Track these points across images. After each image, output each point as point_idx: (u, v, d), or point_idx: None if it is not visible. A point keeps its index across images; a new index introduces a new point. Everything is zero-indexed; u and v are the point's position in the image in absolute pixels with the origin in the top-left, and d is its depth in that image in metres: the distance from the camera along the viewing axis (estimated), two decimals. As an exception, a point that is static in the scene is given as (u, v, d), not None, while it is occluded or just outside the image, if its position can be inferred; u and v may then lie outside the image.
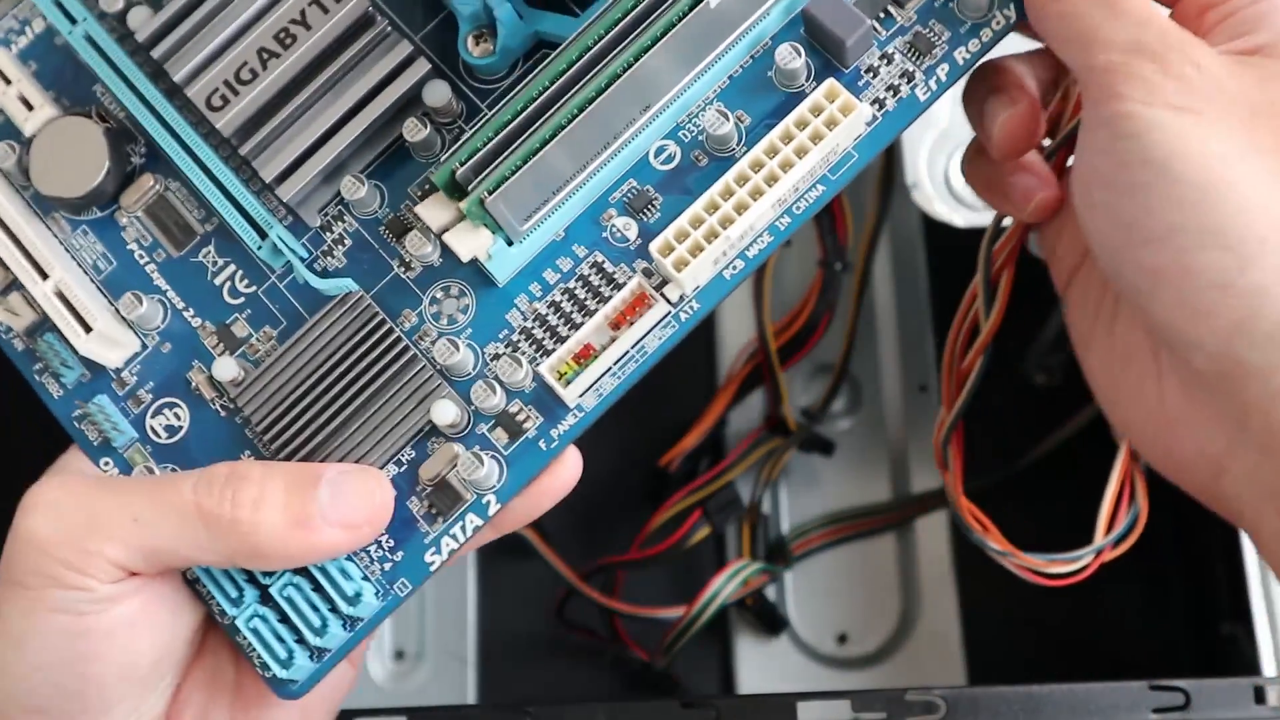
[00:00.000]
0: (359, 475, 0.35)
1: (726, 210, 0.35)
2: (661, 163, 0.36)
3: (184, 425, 0.37)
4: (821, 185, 0.36)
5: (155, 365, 0.38)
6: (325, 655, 0.35)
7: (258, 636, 0.35)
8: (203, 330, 0.37)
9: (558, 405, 0.35)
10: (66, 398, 0.38)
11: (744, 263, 0.36)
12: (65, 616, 0.33)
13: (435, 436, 0.36)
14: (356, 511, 0.34)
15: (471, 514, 0.36)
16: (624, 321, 0.35)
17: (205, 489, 0.33)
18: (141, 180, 0.38)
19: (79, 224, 0.39)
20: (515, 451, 0.36)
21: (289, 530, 0.33)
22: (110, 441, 0.37)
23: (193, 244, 0.38)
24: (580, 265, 0.36)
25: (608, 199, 0.36)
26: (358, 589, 0.35)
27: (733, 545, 0.58)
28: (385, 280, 0.37)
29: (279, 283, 0.37)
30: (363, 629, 0.35)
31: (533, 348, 0.36)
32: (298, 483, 0.34)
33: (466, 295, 0.37)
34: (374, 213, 0.37)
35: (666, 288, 0.35)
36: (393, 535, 0.36)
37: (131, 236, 0.38)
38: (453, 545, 0.36)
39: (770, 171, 0.35)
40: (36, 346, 0.38)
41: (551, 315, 0.36)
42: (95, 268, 0.38)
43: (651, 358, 0.36)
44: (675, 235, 0.35)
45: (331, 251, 0.37)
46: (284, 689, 0.35)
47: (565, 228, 0.36)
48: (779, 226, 0.36)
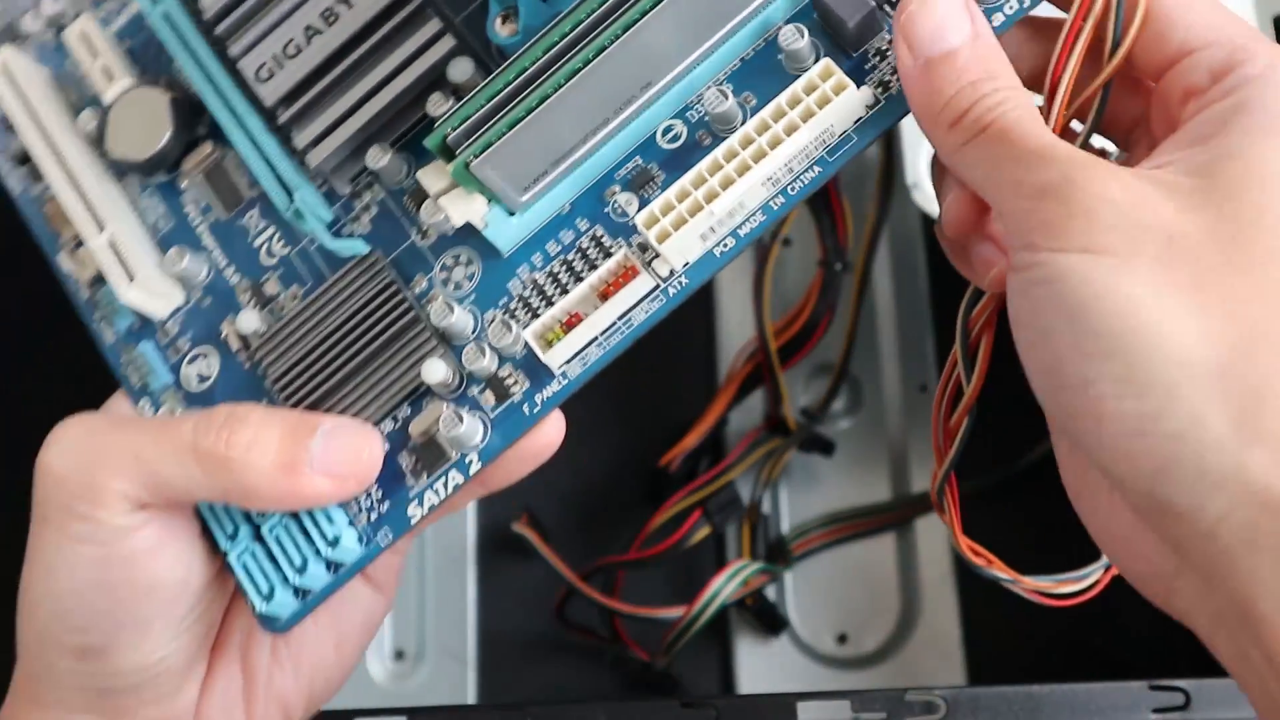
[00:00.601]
0: (352, 429, 0.36)
1: (712, 185, 0.35)
2: (668, 142, 0.37)
3: (213, 374, 0.40)
4: (818, 166, 0.36)
5: (195, 317, 0.40)
6: (308, 595, 0.37)
7: (246, 572, 0.37)
8: (239, 287, 0.40)
9: (544, 372, 0.36)
10: (116, 344, 0.41)
11: (735, 240, 0.36)
12: (87, 546, 0.36)
13: (429, 396, 0.37)
14: (344, 465, 0.36)
15: (454, 471, 0.37)
16: (611, 292, 0.36)
17: (204, 429, 0.35)
18: (202, 147, 0.41)
19: (147, 186, 0.42)
20: (501, 414, 0.37)
21: (278, 474, 0.35)
22: (148, 385, 0.40)
23: (240, 207, 0.41)
24: (581, 238, 0.37)
25: (614, 175, 0.37)
26: (338, 534, 0.36)
27: (733, 545, 0.58)
28: (403, 246, 0.39)
29: (309, 246, 0.40)
30: (344, 573, 0.37)
31: (526, 314, 0.37)
32: (293, 430, 0.36)
33: (474, 263, 0.38)
34: (400, 183, 0.39)
35: (656, 261, 0.36)
36: (382, 486, 0.37)
37: (190, 199, 0.41)
38: (434, 500, 0.37)
39: (759, 148, 0.35)
40: (96, 297, 0.41)
41: (548, 284, 0.37)
42: (155, 227, 0.41)
43: (637, 330, 0.36)
44: (660, 208, 0.35)
45: (359, 217, 0.39)
46: (268, 623, 0.37)
47: (571, 201, 0.37)
48: (772, 206, 0.36)
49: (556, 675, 0.58)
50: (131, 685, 0.37)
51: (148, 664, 0.37)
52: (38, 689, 0.37)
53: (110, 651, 0.36)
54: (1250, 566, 0.28)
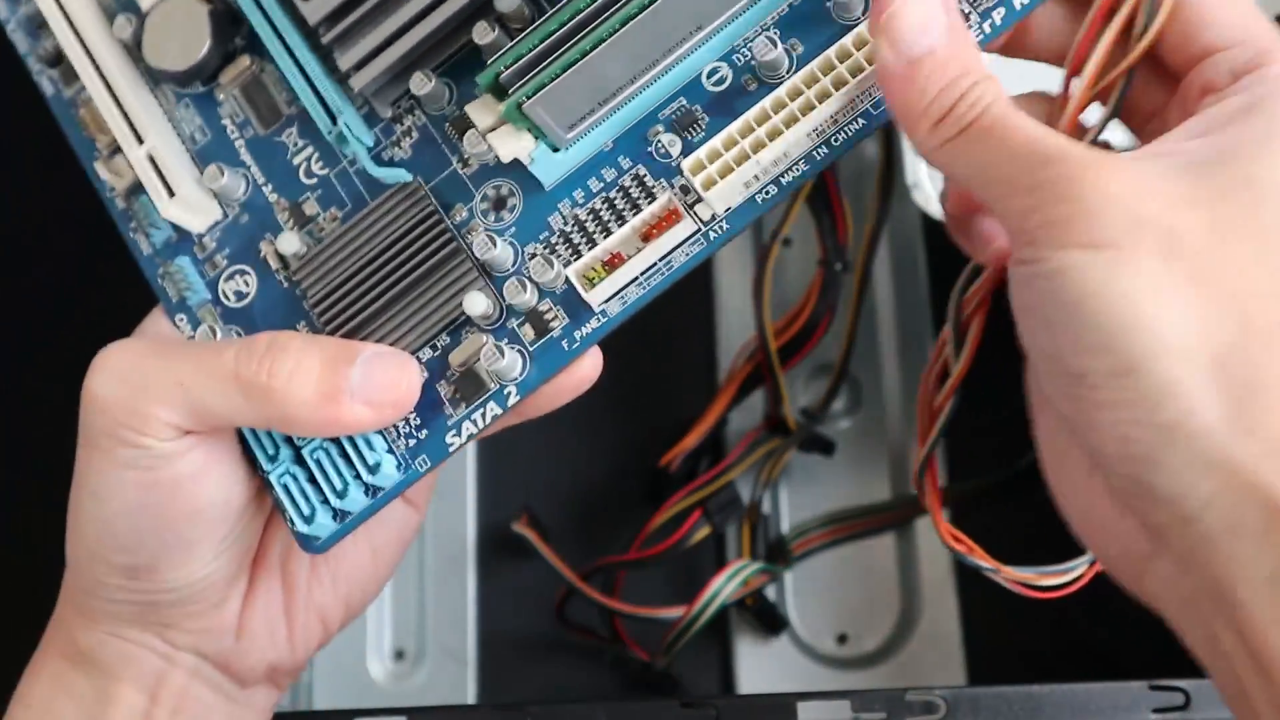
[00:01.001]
0: (391, 358, 0.37)
1: (759, 135, 0.35)
2: (713, 84, 0.37)
3: (251, 292, 0.40)
4: (862, 119, 0.36)
5: (233, 234, 0.40)
6: (347, 518, 0.38)
7: (287, 493, 0.38)
8: (278, 205, 0.40)
9: (583, 308, 0.37)
10: (153, 256, 0.41)
11: (777, 189, 0.36)
12: (134, 472, 0.36)
13: (469, 326, 0.38)
14: (384, 393, 0.37)
15: (493, 402, 0.38)
16: (654, 234, 0.37)
17: (245, 357, 0.36)
18: (239, 60, 0.41)
19: (183, 96, 0.42)
20: (540, 348, 0.37)
21: (318, 402, 0.36)
22: (185, 300, 0.40)
23: (279, 124, 0.41)
24: (623, 177, 0.37)
25: (657, 115, 0.38)
26: (378, 459, 0.37)
27: (733, 545, 0.59)
28: (444, 174, 0.39)
29: (349, 168, 0.40)
30: (383, 497, 0.38)
31: (567, 250, 0.37)
32: (332, 359, 0.36)
33: (515, 195, 0.38)
34: (442, 109, 0.39)
35: (698, 206, 0.36)
36: (420, 414, 0.38)
37: (226, 113, 0.41)
38: (472, 430, 0.38)
39: (806, 101, 0.35)
40: (133, 206, 0.41)
41: (590, 221, 0.37)
42: (192, 139, 0.41)
43: (676, 272, 0.37)
44: (707, 155, 0.36)
45: (400, 142, 0.39)
46: (307, 543, 0.38)
47: (614, 139, 0.38)
48: (815, 156, 0.36)
49: (556, 675, 0.58)
50: (178, 599, 0.38)
51: (193, 580, 0.38)
52: (88, 602, 0.38)
53: (157, 570, 0.37)
54: (1231, 552, 0.29)
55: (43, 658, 0.39)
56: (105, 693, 0.38)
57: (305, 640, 0.41)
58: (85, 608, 0.38)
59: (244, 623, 0.40)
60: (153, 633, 0.39)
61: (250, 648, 0.40)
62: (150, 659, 0.39)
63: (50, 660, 0.39)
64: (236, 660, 0.40)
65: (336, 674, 0.58)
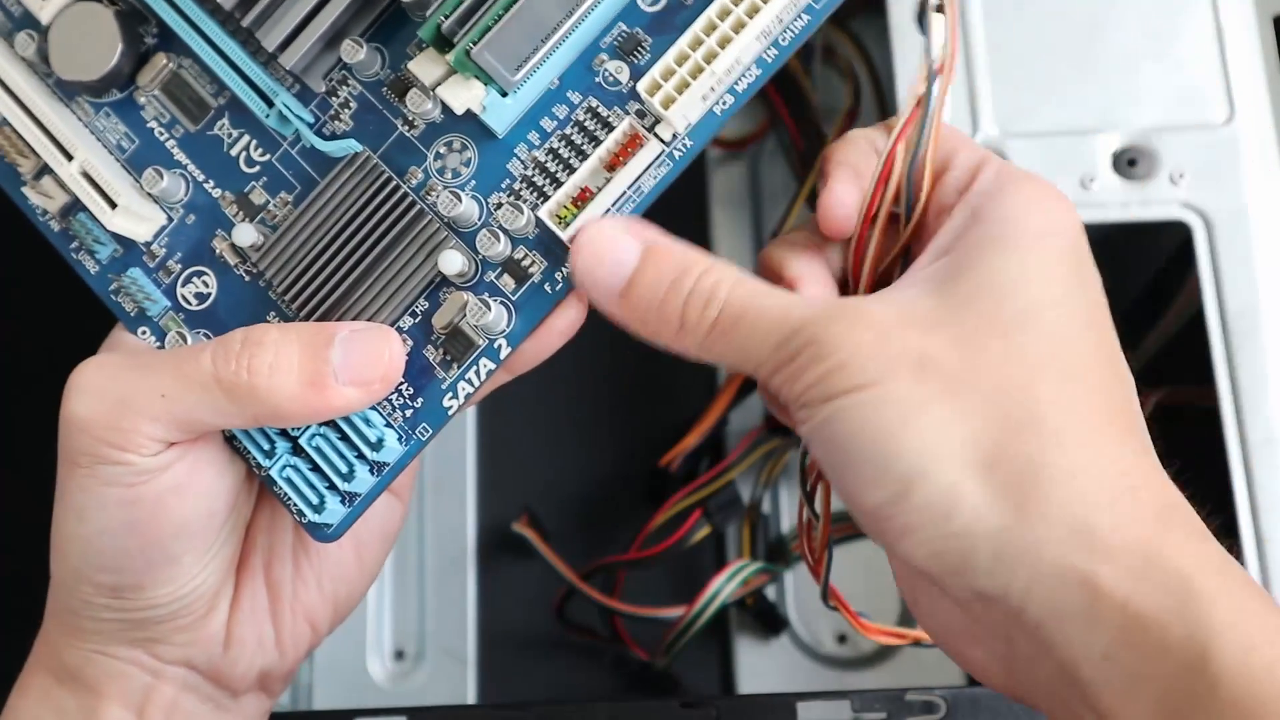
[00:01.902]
0: (369, 333, 0.36)
1: (710, 45, 0.35)
2: (649, 4, 0.37)
3: (212, 292, 0.39)
4: (806, 15, 0.36)
5: (181, 236, 0.39)
6: (356, 500, 0.37)
7: (291, 485, 0.37)
8: (223, 200, 0.39)
9: (561, 248, 0.37)
10: (102, 272, 0.40)
11: (733, 97, 0.36)
12: (116, 489, 0.35)
13: (446, 287, 0.37)
14: (368, 369, 0.36)
15: (485, 358, 0.37)
16: (619, 163, 0.36)
17: (223, 358, 0.35)
18: (155, 59, 0.40)
19: (101, 106, 0.40)
20: (523, 296, 0.37)
21: (305, 391, 0.35)
22: (145, 311, 0.39)
23: (208, 118, 0.40)
24: (576, 111, 0.37)
25: (599, 44, 0.37)
26: (380, 435, 0.37)
27: (733, 545, 0.59)
28: (391, 139, 0.38)
29: (290, 149, 0.39)
30: (389, 473, 0.37)
31: (534, 194, 0.37)
32: (310, 344, 0.36)
33: (469, 148, 0.38)
34: (376, 75, 0.38)
35: (659, 127, 0.36)
36: (412, 383, 0.37)
37: (150, 115, 0.40)
38: (468, 389, 0.37)
39: (751, 4, 0.35)
40: (71, 226, 0.40)
41: (550, 162, 0.37)
42: (119, 147, 0.40)
43: (648, 197, 0.36)
44: (662, 74, 0.35)
45: (339, 115, 0.39)
46: (319, 533, 0.37)
47: (559, 76, 0.37)
48: (765, 59, 0.36)
49: (556, 675, 0.59)
50: (165, 615, 0.37)
51: (179, 595, 0.37)
52: (73, 621, 0.38)
53: (142, 587, 0.37)
54: (1064, 636, 0.30)
55: (30, 674, 0.39)
56: (92, 711, 0.38)
57: (295, 644, 0.41)
58: (71, 626, 0.37)
59: (231, 632, 0.39)
60: (140, 648, 0.38)
61: (239, 656, 0.39)
62: (137, 675, 0.38)
63: (37, 676, 0.38)
64: (226, 670, 0.39)
65: (336, 674, 0.58)
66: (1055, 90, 0.54)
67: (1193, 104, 0.54)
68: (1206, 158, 0.54)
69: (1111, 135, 0.53)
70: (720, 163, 0.66)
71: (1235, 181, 0.53)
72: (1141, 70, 0.54)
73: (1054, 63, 0.54)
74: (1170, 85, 0.54)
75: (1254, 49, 0.54)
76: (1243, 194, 0.53)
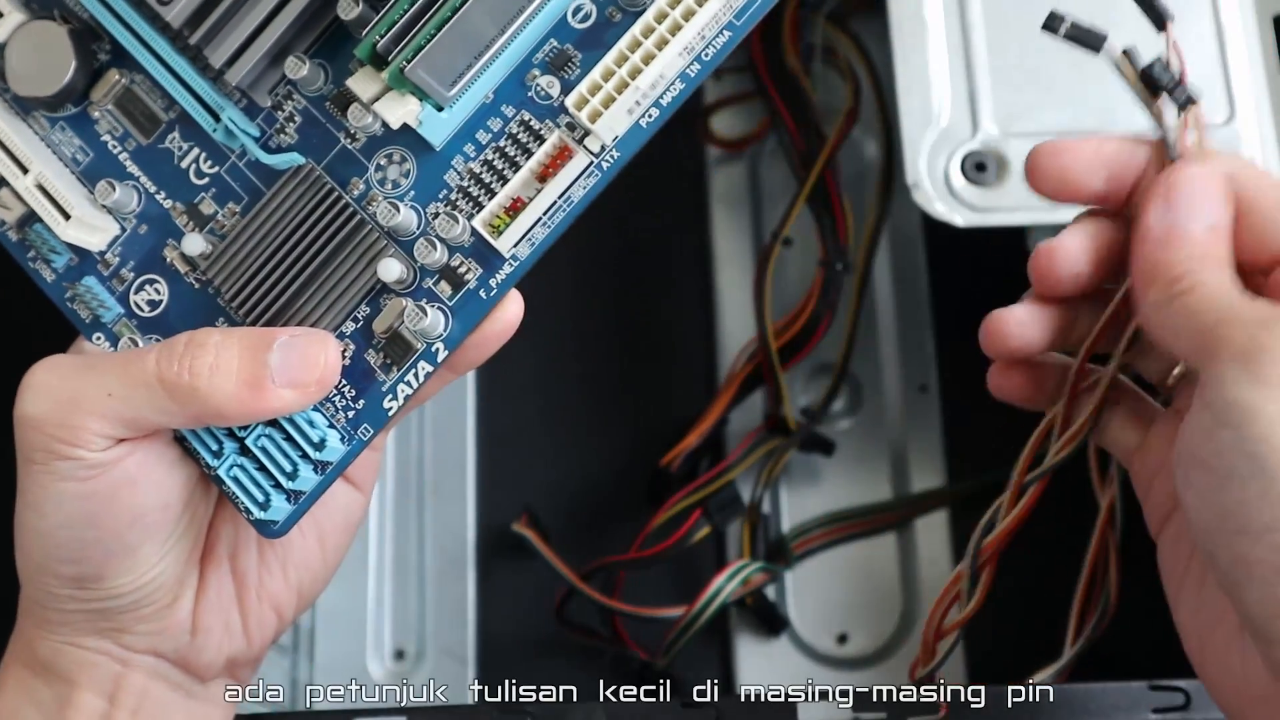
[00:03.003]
0: (308, 338, 0.38)
1: (634, 62, 0.37)
2: (579, 21, 0.39)
3: (164, 299, 0.41)
4: (728, 31, 0.38)
5: (134, 246, 0.41)
6: (301, 497, 0.39)
7: (238, 484, 0.39)
8: (174, 210, 0.41)
9: (494, 256, 0.38)
10: (58, 281, 0.41)
11: (659, 110, 0.38)
12: (70, 483, 0.37)
13: (386, 293, 0.39)
14: (305, 372, 0.38)
15: (423, 361, 0.39)
16: (549, 174, 0.38)
17: (166, 360, 0.37)
18: (108, 76, 0.41)
19: (56, 120, 0.42)
20: (459, 301, 0.38)
21: (243, 392, 0.37)
22: (100, 319, 0.41)
23: (159, 131, 0.41)
24: (509, 124, 0.39)
25: (531, 59, 0.39)
26: (323, 435, 0.38)
27: (733, 545, 0.59)
28: (334, 152, 0.40)
29: (239, 161, 0.40)
30: (332, 471, 0.39)
31: (469, 204, 0.39)
32: (250, 348, 0.37)
33: (408, 160, 0.39)
34: (320, 90, 0.40)
35: (587, 139, 0.38)
36: (354, 385, 0.39)
37: (104, 129, 0.41)
38: (407, 391, 0.39)
39: (674, 22, 0.37)
40: (28, 237, 0.41)
41: (485, 173, 0.39)
42: (74, 160, 0.41)
43: (578, 206, 0.38)
44: (589, 89, 0.37)
45: (284, 129, 0.40)
46: (266, 529, 0.39)
47: (494, 90, 0.39)
48: (689, 74, 0.38)
49: (556, 675, 0.58)
50: (129, 604, 0.39)
51: (141, 584, 0.39)
52: (42, 613, 0.39)
53: (103, 577, 0.38)
54: None
55: (7, 667, 0.40)
56: (66, 699, 0.39)
57: (261, 631, 0.42)
58: (40, 619, 0.39)
59: (198, 619, 0.40)
60: (108, 638, 0.39)
61: (206, 643, 0.41)
62: (106, 664, 0.39)
63: (13, 669, 0.40)
64: (194, 656, 0.41)
65: (336, 674, 0.58)
66: (1055, 90, 0.54)
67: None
68: (1206, 158, 0.54)
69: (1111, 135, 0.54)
70: (720, 163, 0.66)
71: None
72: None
73: (1054, 63, 0.54)
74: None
75: (1254, 49, 0.54)
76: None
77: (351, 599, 0.56)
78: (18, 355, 0.39)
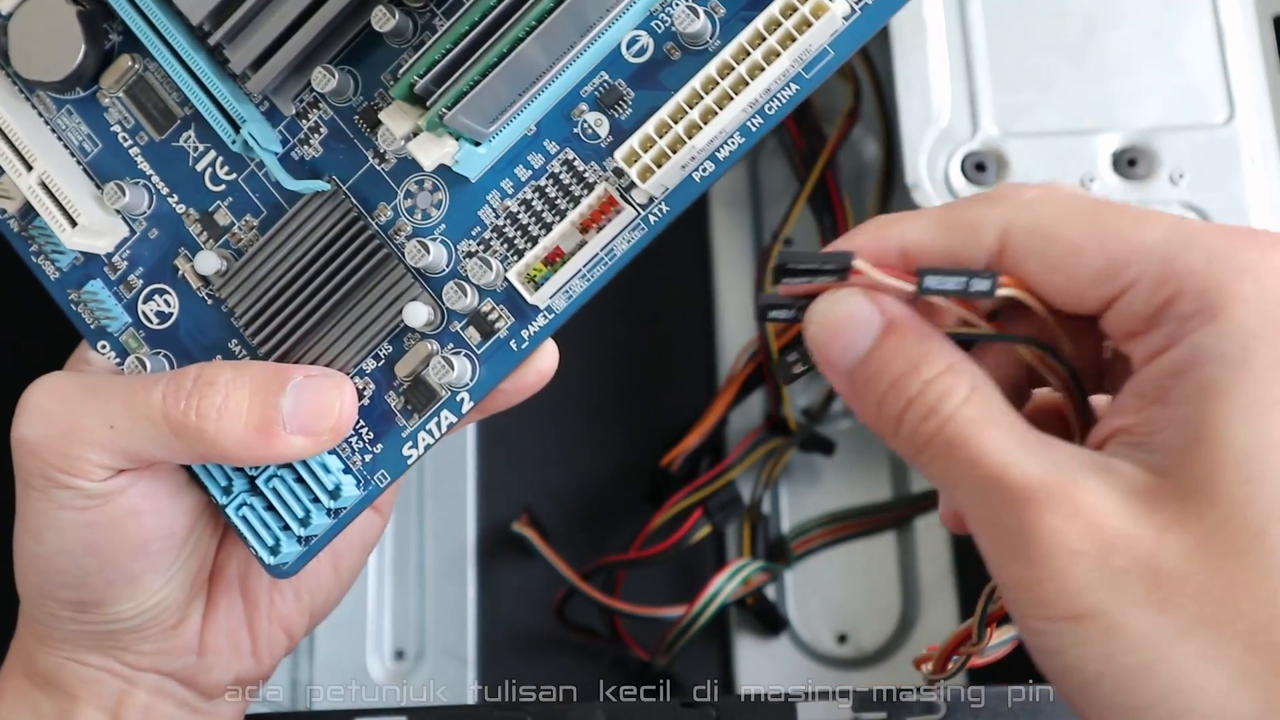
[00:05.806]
0: (323, 382, 0.36)
1: (693, 118, 0.34)
2: (634, 55, 0.35)
3: (174, 312, 0.38)
4: (795, 84, 0.35)
5: (144, 251, 0.38)
6: (312, 540, 0.37)
7: (246, 525, 0.37)
8: (187, 217, 0.38)
9: (528, 306, 0.36)
10: (62, 280, 0.39)
11: (714, 165, 0.35)
12: (70, 512, 0.35)
13: (411, 333, 0.37)
14: (318, 420, 0.36)
15: (446, 411, 0.37)
16: (592, 225, 0.35)
17: (173, 396, 0.35)
18: (120, 61, 0.38)
19: (63, 103, 0.39)
20: (488, 350, 0.36)
21: (252, 437, 0.35)
22: (105, 327, 0.38)
23: (173, 128, 0.38)
24: (551, 162, 0.36)
25: (579, 93, 0.36)
26: (338, 482, 0.36)
27: (733, 545, 0.59)
28: (361, 171, 0.37)
29: (258, 171, 0.38)
30: (346, 516, 0.37)
31: (504, 247, 0.36)
32: (262, 389, 0.35)
33: (440, 190, 0.36)
34: (348, 100, 0.37)
35: (634, 191, 0.35)
36: (372, 428, 0.37)
37: (114, 118, 0.38)
38: (429, 440, 0.37)
39: (738, 77, 0.34)
40: (29, 229, 0.39)
41: (523, 214, 0.36)
42: (81, 149, 0.39)
43: (620, 260, 0.36)
44: (641, 143, 0.34)
45: (308, 140, 0.37)
46: (275, 571, 0.38)
47: (537, 122, 0.36)
48: (750, 128, 0.35)
49: (556, 675, 0.58)
50: (131, 627, 0.38)
51: (143, 609, 0.37)
52: (43, 630, 0.38)
53: (105, 603, 0.37)
54: None
55: (6, 677, 0.39)
56: (67, 713, 0.38)
57: (270, 651, 0.41)
58: (41, 634, 0.38)
59: (206, 640, 0.39)
60: (111, 656, 0.38)
61: (214, 663, 0.40)
62: (110, 681, 0.38)
63: (13, 679, 0.39)
64: (201, 675, 0.40)
65: (336, 674, 0.58)
66: (1055, 90, 0.53)
67: (1193, 104, 0.53)
68: (1206, 158, 0.52)
69: (1111, 135, 0.52)
70: (720, 162, 0.65)
71: (1235, 181, 0.52)
72: (1141, 70, 0.53)
73: (1054, 63, 0.53)
74: (1170, 85, 0.53)
75: (1254, 49, 0.53)
76: (1243, 194, 0.52)
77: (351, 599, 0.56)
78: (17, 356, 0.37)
